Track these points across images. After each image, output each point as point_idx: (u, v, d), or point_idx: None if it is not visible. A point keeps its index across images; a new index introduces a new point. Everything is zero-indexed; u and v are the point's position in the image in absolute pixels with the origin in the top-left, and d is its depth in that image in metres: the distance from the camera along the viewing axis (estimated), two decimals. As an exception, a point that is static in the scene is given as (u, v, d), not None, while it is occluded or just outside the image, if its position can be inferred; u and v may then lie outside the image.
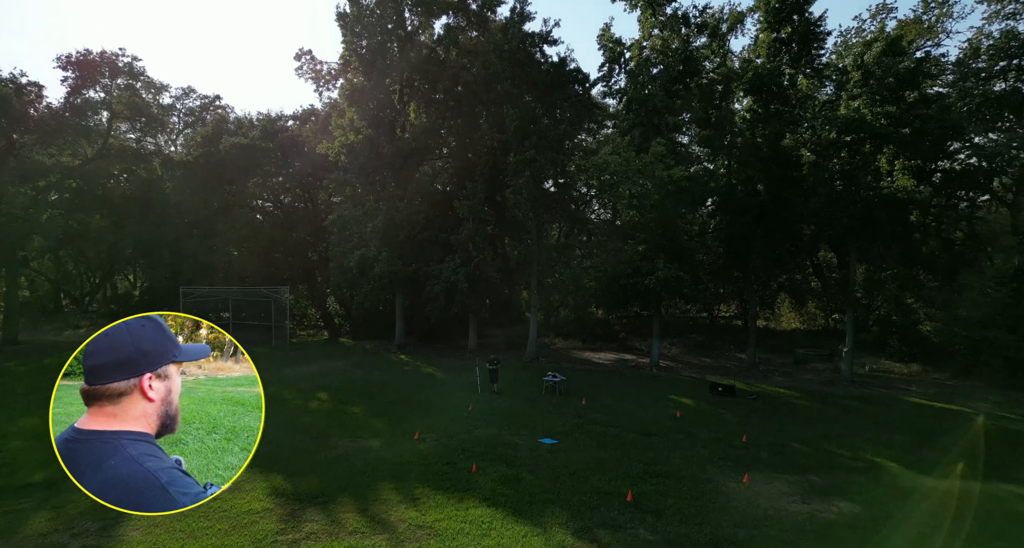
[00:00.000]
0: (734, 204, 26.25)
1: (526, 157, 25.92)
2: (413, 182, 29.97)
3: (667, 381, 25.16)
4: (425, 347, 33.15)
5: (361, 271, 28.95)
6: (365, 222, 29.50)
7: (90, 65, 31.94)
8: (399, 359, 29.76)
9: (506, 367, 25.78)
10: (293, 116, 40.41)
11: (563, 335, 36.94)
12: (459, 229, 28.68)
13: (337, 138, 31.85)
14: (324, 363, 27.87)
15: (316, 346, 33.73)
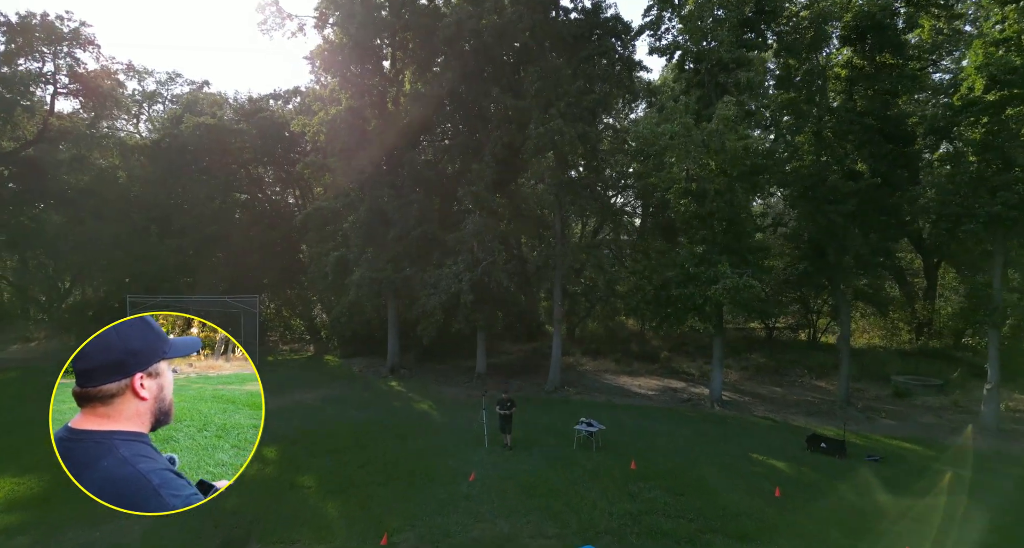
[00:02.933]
0: (825, 189, 19.78)
1: (550, 129, 19.72)
2: (406, 165, 23.94)
3: (738, 426, 18.77)
4: (423, 369, 27.10)
5: (339, 277, 23.02)
6: (345, 215, 23.58)
7: (28, 28, 26.49)
8: (389, 388, 23.73)
9: (523, 400, 19.64)
10: (275, 95, 34.68)
11: (591, 353, 30.62)
12: (462, 224, 22.63)
13: (316, 113, 26.01)
14: (294, 393, 21.97)
15: (294, 367, 27.89)
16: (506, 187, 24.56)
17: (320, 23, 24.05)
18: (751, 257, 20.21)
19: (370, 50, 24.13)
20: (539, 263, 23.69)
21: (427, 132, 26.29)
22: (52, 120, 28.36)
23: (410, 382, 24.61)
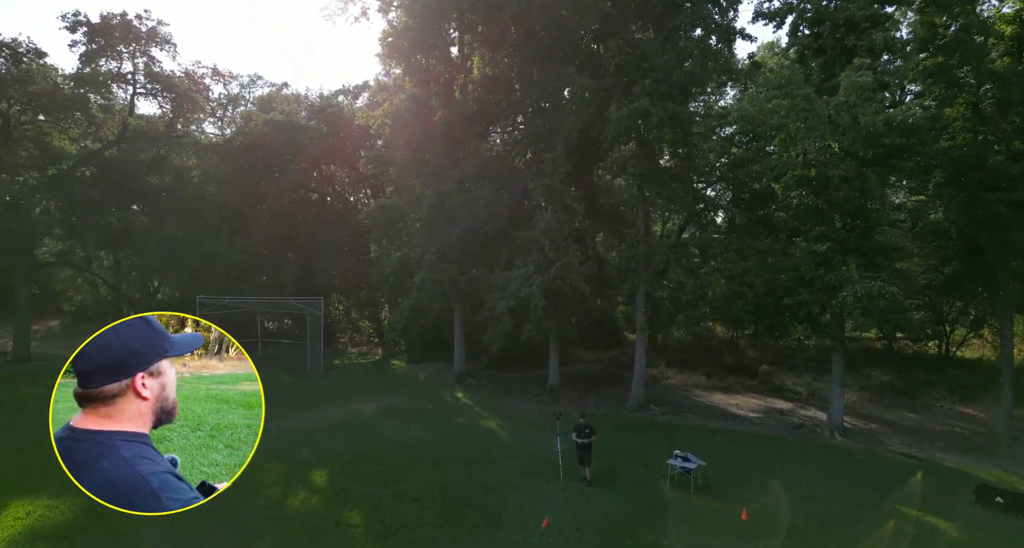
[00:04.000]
0: (985, 174, 15.87)
1: (634, 110, 17.03)
2: (472, 158, 21.99)
3: (871, 465, 15.30)
4: (492, 379, 25.10)
5: (401, 278, 21.42)
6: (408, 213, 21.97)
7: (107, 28, 26.82)
8: (454, 399, 21.88)
9: (602, 420, 17.08)
10: (344, 91, 33.92)
11: (676, 364, 27.46)
12: (533, 221, 20.39)
13: (381, 105, 24.63)
14: (354, 403, 20.57)
15: (359, 372, 26.75)
16: (582, 180, 22.07)
17: (384, 6, 22.57)
18: (881, 258, 16.63)
19: (436, 34, 22.36)
20: (620, 265, 20.98)
21: (496, 121, 24.24)
22: (131, 120, 28.79)
23: (477, 393, 22.65)
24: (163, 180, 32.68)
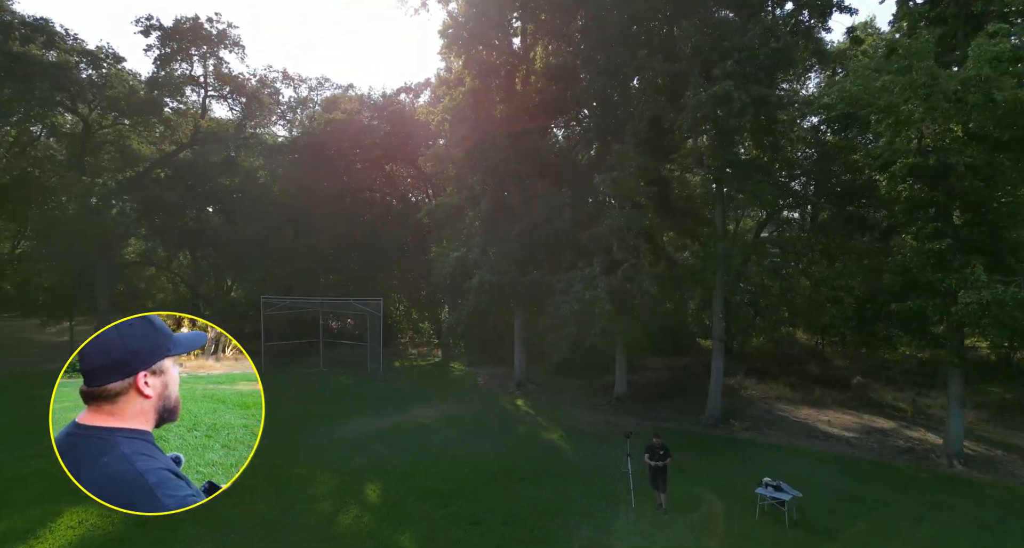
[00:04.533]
0: None
1: (715, 94, 15.32)
2: (533, 153, 20.85)
3: (1007, 503, 12.95)
4: (554, 386, 23.85)
5: (459, 279, 20.57)
6: (467, 211, 21.09)
7: (179, 32, 27.59)
8: (514, 407, 20.82)
9: (676, 436, 15.46)
10: (405, 89, 33.62)
11: (755, 373, 25.22)
12: (599, 220, 19.03)
13: (441, 101, 23.93)
14: (413, 409, 19.89)
15: (418, 375, 26.21)
16: (652, 174, 20.43)
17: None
18: (1012, 259, 14.18)
19: (497, 24, 21.38)
20: (693, 266, 19.23)
21: (559, 114, 22.96)
22: (203, 123, 29.58)
23: (538, 401, 21.48)
24: (233, 181, 33.54)
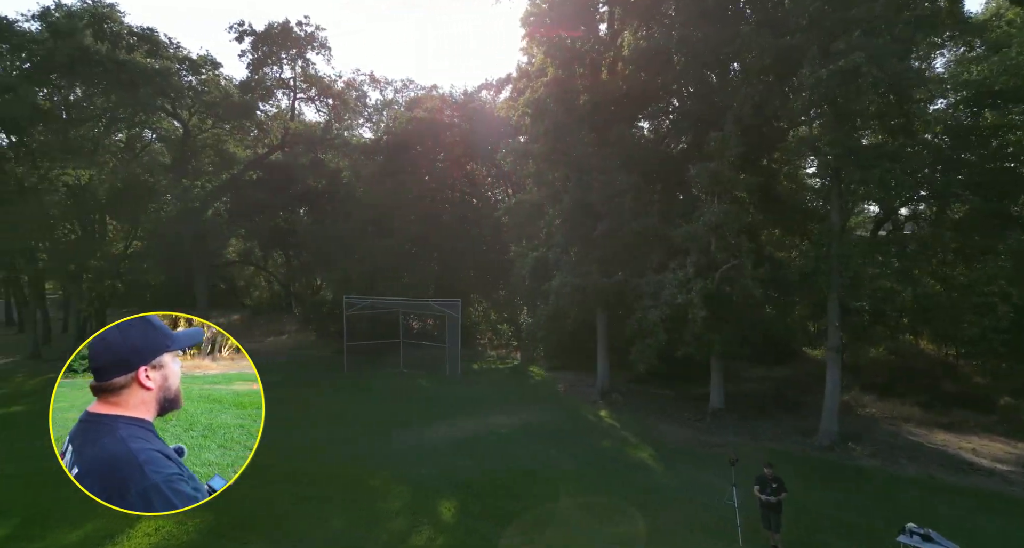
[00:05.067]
0: None
1: (841, 69, 13.18)
2: (619, 145, 19.34)
3: None
4: (640, 396, 22.17)
5: (538, 281, 19.46)
6: (547, 209, 19.94)
7: (270, 36, 28.46)
8: (597, 419, 19.42)
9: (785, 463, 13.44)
10: (486, 85, 32.98)
11: (874, 390, 22.23)
12: (693, 216, 17.25)
13: (523, 95, 22.94)
14: (490, 416, 19.04)
15: (496, 378, 25.39)
16: (755, 165, 18.33)
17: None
18: None
19: (583, 9, 20.11)
20: (805, 267, 16.96)
21: (647, 104, 21.26)
22: (291, 125, 30.48)
23: (623, 413, 19.94)
24: (320, 182, 34.46)
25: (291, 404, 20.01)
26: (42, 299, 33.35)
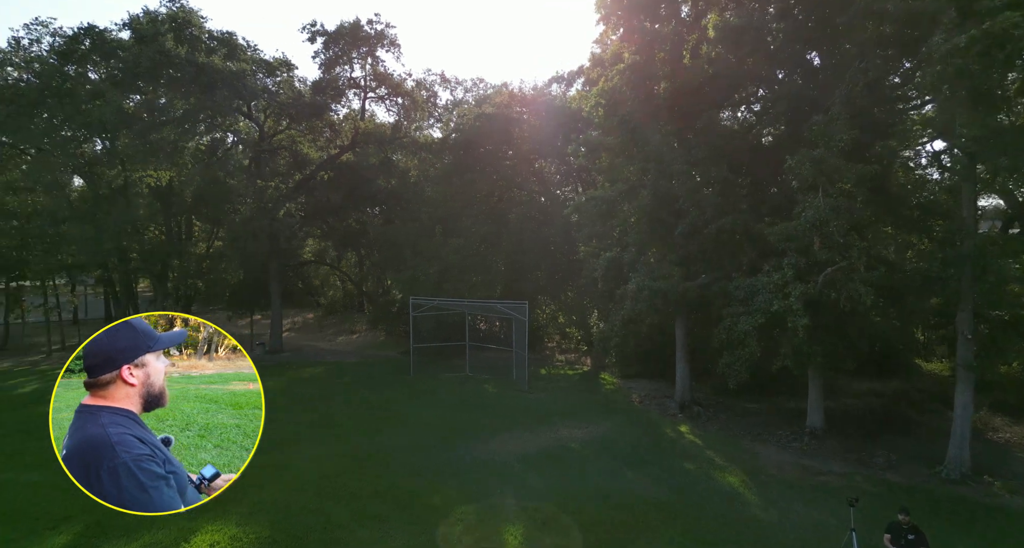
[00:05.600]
0: None
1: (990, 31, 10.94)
2: (703, 134, 17.58)
3: None
4: (725, 410, 20.21)
5: (611, 283, 18.01)
6: (621, 205, 18.45)
7: (342, 35, 28.47)
8: (677, 435, 17.72)
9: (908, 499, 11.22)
10: (557, 78, 31.72)
11: (1007, 411, 19.17)
12: (789, 212, 15.28)
13: (596, 85, 21.52)
14: (559, 428, 17.83)
15: (566, 386, 24.10)
16: (866, 153, 16.02)
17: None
18: None
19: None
20: (930, 270, 14.56)
21: (737, 88, 19.28)
22: (361, 125, 30.47)
23: (708, 429, 18.14)
24: (389, 183, 34.44)
25: (358, 407, 19.71)
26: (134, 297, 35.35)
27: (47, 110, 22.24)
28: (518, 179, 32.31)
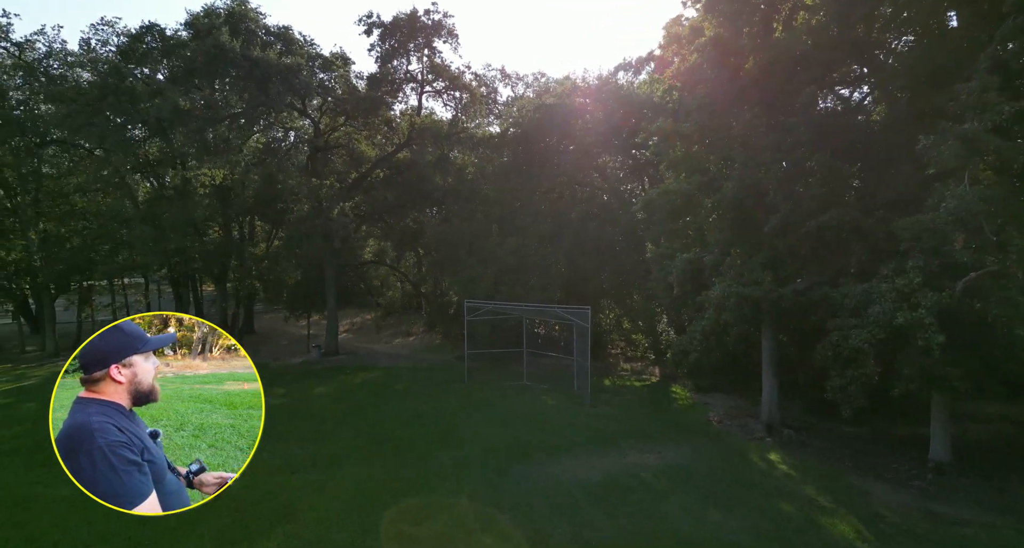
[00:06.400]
0: None
1: None
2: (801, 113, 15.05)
3: None
4: (823, 436, 17.47)
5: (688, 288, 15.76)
6: (701, 200, 16.16)
7: (399, 26, 27.41)
8: (767, 465, 15.23)
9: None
10: (624, 65, 29.43)
11: None
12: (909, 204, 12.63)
13: (671, 67, 19.31)
14: (628, 451, 15.74)
15: (633, 399, 21.89)
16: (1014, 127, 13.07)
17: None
18: None
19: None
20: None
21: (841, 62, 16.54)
22: (417, 121, 29.38)
23: (804, 459, 15.53)
24: (446, 180, 33.27)
25: (408, 420, 18.35)
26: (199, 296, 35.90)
27: (107, 108, 22.42)
28: (580, 175, 30.31)
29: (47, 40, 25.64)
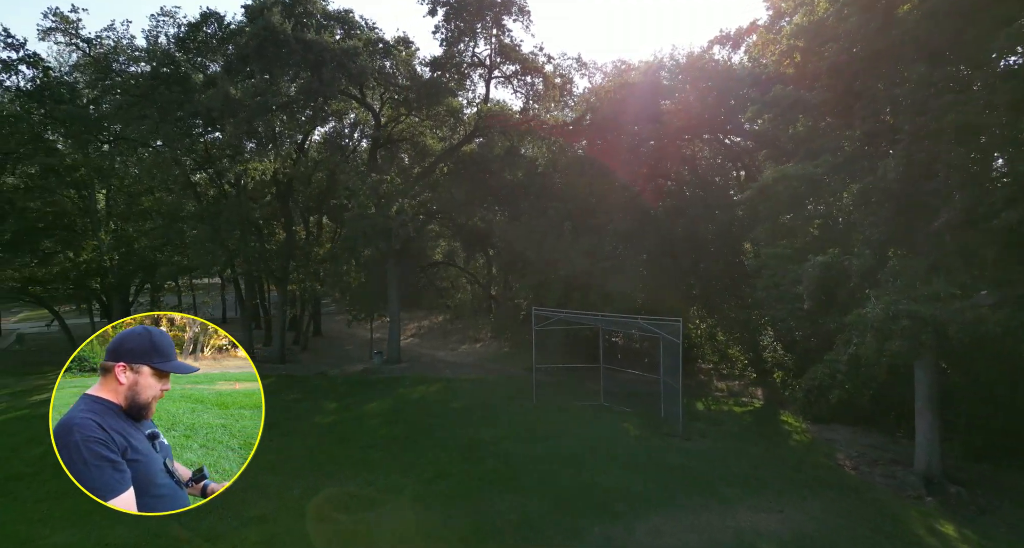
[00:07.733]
0: None
1: None
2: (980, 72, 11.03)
3: None
4: (1002, 492, 13.17)
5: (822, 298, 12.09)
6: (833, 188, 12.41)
7: (464, 4, 25.01)
8: (935, 538, 11.29)
9: None
10: (720, 38, 25.39)
11: None
12: None
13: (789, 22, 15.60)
14: (736, 507, 12.35)
15: (734, 430, 18.10)
16: None
17: None
18: None
19: None
20: None
21: None
22: (484, 108, 26.84)
23: (986, 528, 11.45)
24: (516, 175, 30.58)
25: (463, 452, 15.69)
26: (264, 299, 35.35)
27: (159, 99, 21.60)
28: (666, 164, 26.62)
29: (116, 36, 25.44)
